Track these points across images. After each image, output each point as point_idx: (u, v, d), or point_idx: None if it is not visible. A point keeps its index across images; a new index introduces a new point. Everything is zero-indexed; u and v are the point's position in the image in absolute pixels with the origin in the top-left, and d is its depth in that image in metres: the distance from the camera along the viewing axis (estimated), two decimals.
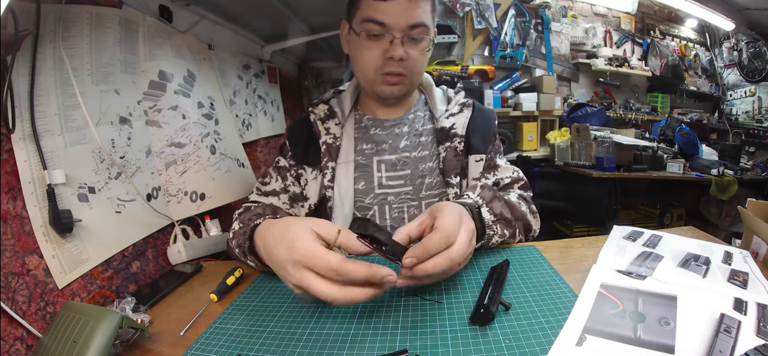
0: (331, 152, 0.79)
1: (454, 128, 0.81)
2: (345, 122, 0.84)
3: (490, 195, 0.70)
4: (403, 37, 0.71)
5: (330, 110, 0.84)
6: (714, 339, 0.40)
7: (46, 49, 0.66)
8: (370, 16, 0.70)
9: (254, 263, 0.67)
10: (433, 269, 0.47)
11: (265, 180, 0.85)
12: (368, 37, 0.72)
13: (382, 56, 0.73)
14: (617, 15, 3.20)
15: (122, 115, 0.81)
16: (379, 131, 0.83)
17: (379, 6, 0.69)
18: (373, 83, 0.77)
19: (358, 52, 0.76)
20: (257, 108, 1.52)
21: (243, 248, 0.64)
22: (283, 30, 1.52)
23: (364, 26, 0.71)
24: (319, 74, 2.31)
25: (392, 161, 0.81)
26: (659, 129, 2.89)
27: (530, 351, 0.41)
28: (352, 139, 0.82)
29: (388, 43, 0.71)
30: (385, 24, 0.70)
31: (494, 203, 0.68)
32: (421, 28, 0.72)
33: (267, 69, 1.63)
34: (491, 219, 0.66)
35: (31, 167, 0.62)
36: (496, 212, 0.67)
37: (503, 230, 0.67)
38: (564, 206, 2.56)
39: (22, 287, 0.58)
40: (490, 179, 0.82)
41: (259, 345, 0.48)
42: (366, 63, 0.75)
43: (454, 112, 0.84)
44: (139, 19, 0.88)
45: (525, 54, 2.87)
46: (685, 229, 0.72)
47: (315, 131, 0.82)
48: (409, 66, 0.74)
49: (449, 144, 0.80)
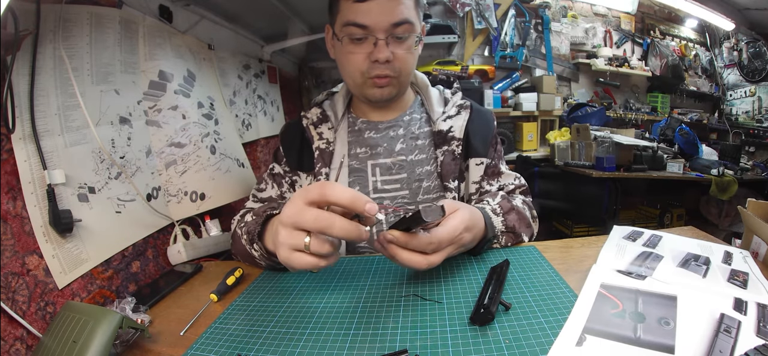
0: (324, 158, 0.78)
1: (452, 131, 0.79)
2: (338, 125, 0.82)
3: (507, 207, 0.72)
4: (387, 38, 0.68)
5: (322, 113, 0.83)
6: (714, 339, 0.40)
7: (46, 49, 0.66)
8: (350, 20, 0.67)
9: (258, 251, 0.65)
10: (405, 262, 0.49)
11: (260, 187, 0.85)
12: (351, 41, 0.70)
13: (367, 59, 0.70)
14: (617, 15, 3.20)
15: (122, 115, 0.81)
16: (374, 133, 0.81)
17: (357, 8, 0.66)
18: (362, 87, 0.74)
19: (342, 57, 0.73)
20: (257, 108, 1.52)
21: (252, 234, 0.64)
22: (283, 30, 1.52)
23: (346, 30, 0.69)
24: (319, 74, 2.31)
25: (387, 165, 0.79)
26: (659, 129, 2.88)
27: (530, 351, 0.41)
28: (345, 143, 0.81)
29: (372, 46, 0.69)
30: (367, 26, 0.67)
31: (509, 215, 0.71)
32: (405, 26, 0.68)
33: (267, 69, 1.63)
34: (501, 230, 0.69)
35: (31, 167, 0.62)
36: (509, 225, 0.70)
37: (507, 241, 0.71)
38: (564, 206, 2.56)
39: (22, 287, 0.58)
40: (493, 186, 0.82)
41: (259, 345, 0.48)
42: (352, 68, 0.72)
43: (451, 114, 0.82)
44: (139, 19, 0.88)
45: (525, 54, 2.87)
46: (685, 229, 0.72)
47: (307, 136, 0.81)
48: (397, 67, 0.71)
49: (447, 148, 0.79)
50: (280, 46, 1.61)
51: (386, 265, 0.66)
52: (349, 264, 0.68)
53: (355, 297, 0.57)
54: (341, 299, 0.57)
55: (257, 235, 0.63)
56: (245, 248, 0.68)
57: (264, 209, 0.72)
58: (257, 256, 0.66)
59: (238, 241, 0.72)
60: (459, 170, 0.79)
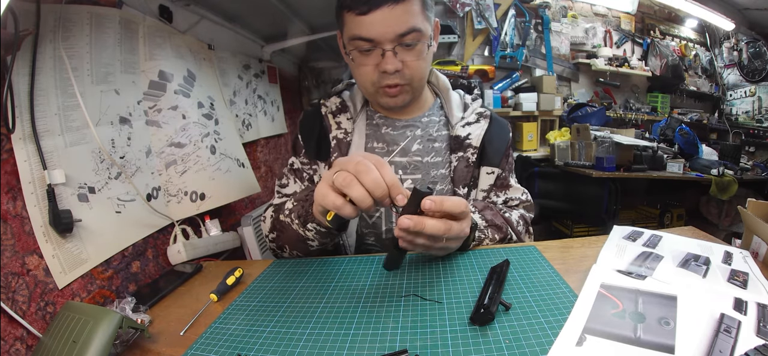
0: (341, 147, 0.78)
1: (470, 138, 0.79)
2: (357, 117, 0.82)
3: (482, 205, 0.74)
4: (395, 47, 0.66)
5: (342, 103, 0.82)
6: (714, 339, 0.40)
7: (46, 49, 0.66)
8: (355, 34, 0.66)
9: (312, 230, 0.66)
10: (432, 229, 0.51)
11: (282, 182, 0.85)
12: (360, 54, 0.69)
13: (376, 70, 0.69)
14: (617, 15, 3.20)
15: (122, 115, 0.81)
16: (391, 130, 0.81)
17: (361, 21, 0.64)
18: (375, 96, 0.74)
19: (354, 68, 0.73)
20: (257, 108, 1.52)
21: (303, 217, 0.66)
22: (283, 30, 1.52)
23: (353, 44, 0.68)
24: (319, 74, 2.31)
25: (402, 164, 0.79)
26: (659, 129, 2.89)
27: (530, 351, 0.41)
28: (363, 135, 0.81)
29: (380, 57, 0.67)
30: (373, 39, 0.65)
31: (485, 211, 0.73)
32: (413, 34, 0.66)
33: (267, 69, 1.63)
34: (483, 224, 0.70)
35: (31, 167, 0.62)
36: (488, 218, 0.71)
37: (494, 234, 0.71)
38: (564, 206, 2.56)
39: (22, 287, 0.58)
40: (500, 197, 0.82)
41: (259, 345, 0.48)
42: (363, 79, 0.72)
43: (470, 121, 0.81)
44: (139, 19, 0.88)
45: (525, 54, 2.87)
46: (685, 229, 0.72)
47: (325, 125, 0.81)
48: (408, 74, 0.70)
49: (462, 154, 0.78)
50: (280, 46, 1.61)
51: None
52: (349, 264, 0.68)
53: (355, 297, 0.57)
54: (341, 299, 0.56)
55: (308, 216, 0.65)
56: (297, 233, 0.68)
57: (305, 193, 0.71)
58: (312, 234, 0.67)
59: (287, 229, 0.71)
60: (471, 178, 0.79)
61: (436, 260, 0.64)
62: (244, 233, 1.13)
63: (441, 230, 0.52)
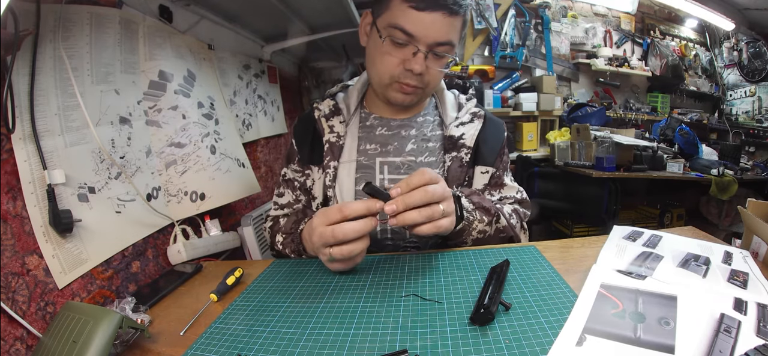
0: (333, 151, 0.79)
1: (463, 138, 0.79)
2: (350, 119, 0.82)
3: (467, 191, 0.74)
4: (428, 52, 0.67)
5: (335, 106, 0.83)
6: (714, 339, 0.40)
7: (46, 49, 0.66)
8: (398, 24, 0.65)
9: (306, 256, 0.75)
10: (413, 200, 0.54)
11: (279, 191, 0.88)
12: (392, 44, 0.68)
13: (401, 65, 0.69)
14: (617, 15, 3.20)
15: (122, 115, 0.81)
16: (385, 130, 0.81)
17: (411, 15, 0.64)
18: (386, 88, 0.74)
19: (376, 53, 0.72)
20: (257, 108, 1.52)
21: (297, 251, 0.75)
22: (283, 30, 1.52)
23: (390, 31, 0.67)
24: (319, 74, 2.31)
25: (396, 164, 0.79)
26: (659, 129, 2.89)
27: (530, 351, 0.41)
28: (355, 138, 0.81)
29: (411, 54, 0.68)
30: (413, 35, 0.66)
31: (472, 196, 0.73)
32: (447, 47, 0.68)
33: (267, 69, 1.63)
34: (470, 207, 0.70)
35: (31, 167, 0.62)
36: (474, 201, 0.72)
37: (482, 216, 0.71)
38: (564, 206, 2.55)
39: (22, 287, 0.58)
40: (495, 196, 0.82)
41: (259, 345, 0.48)
42: (383, 68, 0.71)
43: (464, 120, 0.82)
44: (139, 19, 0.88)
45: (525, 54, 2.87)
46: (685, 229, 0.72)
47: (318, 129, 0.81)
48: (426, 80, 0.71)
49: (456, 154, 0.78)
50: (280, 46, 1.60)
51: (386, 265, 0.66)
52: None
53: (355, 297, 0.57)
54: (341, 299, 0.57)
55: (303, 249, 0.74)
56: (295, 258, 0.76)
57: (291, 224, 0.78)
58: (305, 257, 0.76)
59: (284, 253, 0.79)
60: (465, 178, 0.79)
61: (436, 261, 0.64)
62: (244, 233, 1.13)
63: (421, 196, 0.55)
